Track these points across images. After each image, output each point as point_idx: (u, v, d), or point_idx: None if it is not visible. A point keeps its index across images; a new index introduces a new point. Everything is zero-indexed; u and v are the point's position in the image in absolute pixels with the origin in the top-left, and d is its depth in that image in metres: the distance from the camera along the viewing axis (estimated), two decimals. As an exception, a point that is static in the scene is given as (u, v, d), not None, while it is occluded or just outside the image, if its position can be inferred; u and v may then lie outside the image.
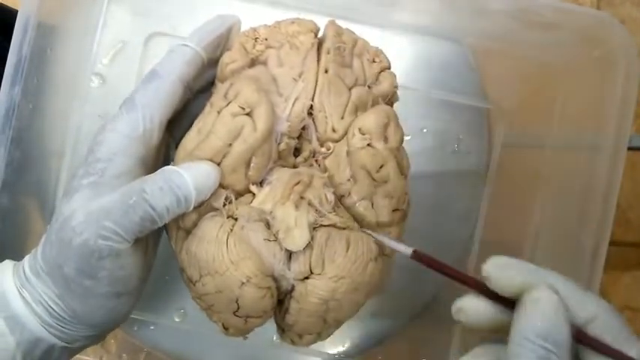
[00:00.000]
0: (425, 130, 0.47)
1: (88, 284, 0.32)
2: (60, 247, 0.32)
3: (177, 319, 0.47)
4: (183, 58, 0.34)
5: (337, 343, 0.47)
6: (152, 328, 0.47)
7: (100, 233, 0.31)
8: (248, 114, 0.33)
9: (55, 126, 0.46)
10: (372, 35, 0.38)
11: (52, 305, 0.32)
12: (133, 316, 0.46)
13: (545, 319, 0.27)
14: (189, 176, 0.32)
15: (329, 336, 0.37)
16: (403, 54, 0.47)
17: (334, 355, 0.47)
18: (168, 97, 0.34)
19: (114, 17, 0.47)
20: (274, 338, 0.47)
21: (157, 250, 0.37)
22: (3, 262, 0.35)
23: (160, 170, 0.33)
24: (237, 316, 0.33)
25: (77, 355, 0.43)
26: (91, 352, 0.46)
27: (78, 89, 0.46)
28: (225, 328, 0.35)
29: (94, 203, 0.31)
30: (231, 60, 0.35)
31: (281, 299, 0.35)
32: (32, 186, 0.45)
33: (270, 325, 0.37)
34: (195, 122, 0.34)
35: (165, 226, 0.35)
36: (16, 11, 0.39)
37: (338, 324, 0.36)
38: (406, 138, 0.36)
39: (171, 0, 0.47)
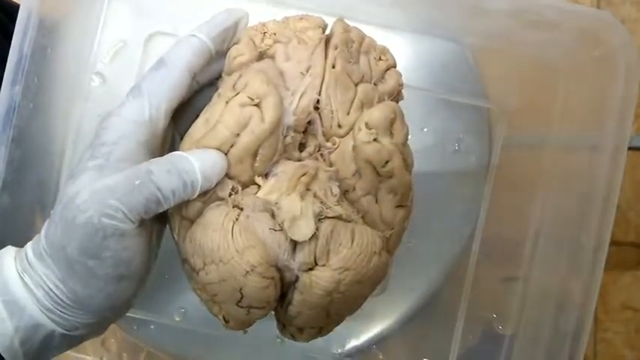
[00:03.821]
0: (425, 130, 0.47)
1: (91, 264, 0.31)
2: (64, 227, 0.31)
3: (177, 319, 0.47)
4: (191, 49, 0.34)
5: (337, 343, 0.47)
6: (152, 327, 0.47)
7: (104, 211, 0.31)
8: (256, 105, 0.33)
9: (55, 125, 0.46)
10: (372, 35, 0.38)
11: (52, 289, 0.32)
12: (133, 315, 0.46)
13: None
14: (197, 162, 0.32)
15: (329, 332, 0.37)
16: (403, 54, 0.47)
17: (334, 355, 0.47)
18: (174, 86, 0.34)
19: (115, 16, 0.47)
20: (275, 338, 0.47)
21: (161, 242, 0.37)
22: (5, 248, 0.34)
23: (167, 154, 0.33)
24: (240, 306, 0.33)
25: (77, 355, 0.43)
26: (91, 351, 0.45)
27: (78, 88, 0.46)
28: (226, 321, 0.35)
29: (99, 182, 0.31)
30: (239, 53, 0.35)
31: (284, 292, 0.34)
32: (32, 186, 0.45)
33: (271, 325, 0.37)
34: (203, 112, 0.35)
35: (168, 217, 0.35)
36: (18, 5, 0.39)
37: (340, 318, 0.36)
38: (407, 137, 0.36)
39: (172, -1, 0.47)
